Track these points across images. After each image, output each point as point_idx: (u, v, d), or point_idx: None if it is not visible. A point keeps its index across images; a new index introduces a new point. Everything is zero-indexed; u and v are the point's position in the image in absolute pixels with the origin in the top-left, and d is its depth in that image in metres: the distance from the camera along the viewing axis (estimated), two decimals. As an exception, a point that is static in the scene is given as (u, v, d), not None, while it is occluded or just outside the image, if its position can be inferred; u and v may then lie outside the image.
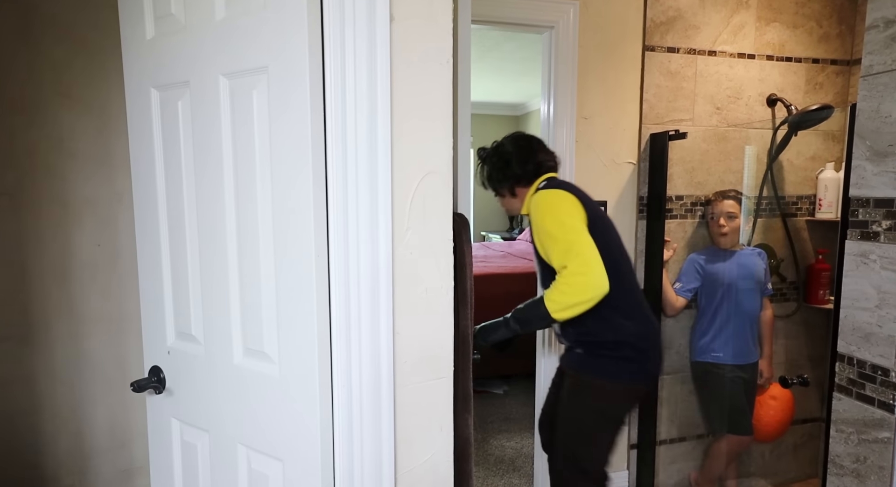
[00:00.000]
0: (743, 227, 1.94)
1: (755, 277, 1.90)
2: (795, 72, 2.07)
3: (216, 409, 0.97)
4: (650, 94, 1.92)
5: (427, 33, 0.82)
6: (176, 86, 0.95)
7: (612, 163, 1.94)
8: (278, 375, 0.86)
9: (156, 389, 1.06)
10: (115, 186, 1.48)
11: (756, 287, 1.90)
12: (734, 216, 1.87)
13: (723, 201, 1.91)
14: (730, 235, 1.89)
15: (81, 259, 1.46)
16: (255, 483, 0.92)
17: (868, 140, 1.23)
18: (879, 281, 1.21)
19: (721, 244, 1.91)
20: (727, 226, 1.88)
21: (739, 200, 1.91)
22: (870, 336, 1.24)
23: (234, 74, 0.86)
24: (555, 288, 1.28)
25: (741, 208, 1.90)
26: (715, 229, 1.91)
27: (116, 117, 1.46)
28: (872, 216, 1.23)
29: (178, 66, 0.94)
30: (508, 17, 1.76)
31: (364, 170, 0.80)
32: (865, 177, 1.24)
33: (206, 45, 0.89)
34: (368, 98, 0.78)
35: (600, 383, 1.37)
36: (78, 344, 1.48)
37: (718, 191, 1.95)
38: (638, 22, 1.89)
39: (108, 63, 1.43)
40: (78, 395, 1.49)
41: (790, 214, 2.12)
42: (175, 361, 1.03)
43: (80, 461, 1.51)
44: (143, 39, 0.99)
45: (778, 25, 2.03)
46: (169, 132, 0.98)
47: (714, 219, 1.91)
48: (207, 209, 0.93)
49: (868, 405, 1.25)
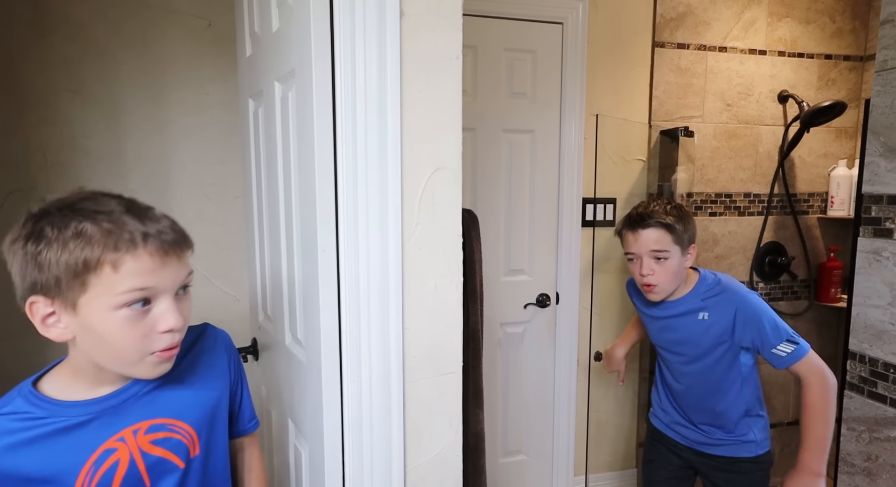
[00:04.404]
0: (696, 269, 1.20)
1: (721, 342, 1.12)
2: (807, 68, 2.04)
3: (278, 383, 1.09)
4: (660, 91, 1.91)
5: (437, 28, 0.82)
6: (258, 94, 1.07)
7: (621, 160, 1.93)
8: (305, 360, 0.90)
9: (254, 355, 1.25)
10: (129, 184, 1.49)
11: (719, 359, 1.13)
12: (662, 256, 1.10)
13: (637, 233, 1.12)
14: (660, 287, 1.12)
15: (94, 254, 1.48)
16: (297, 456, 0.99)
17: (882, 136, 1.22)
18: (892, 278, 1.20)
19: (648, 299, 1.18)
20: (654, 273, 1.11)
21: (671, 227, 1.09)
22: (882, 333, 1.22)
23: (282, 78, 0.92)
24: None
25: (678, 236, 1.10)
26: (637, 281, 1.17)
27: (128, 115, 1.47)
28: (886, 213, 1.21)
29: (259, 76, 1.06)
30: (517, 12, 1.75)
31: (374, 166, 0.80)
32: (879, 173, 1.23)
33: (268, 56, 0.98)
34: (378, 94, 0.79)
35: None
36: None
37: (633, 211, 1.16)
38: (648, 18, 1.88)
39: (119, 61, 1.44)
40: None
41: (802, 212, 2.10)
42: (263, 336, 1.19)
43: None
44: (245, 57, 1.16)
45: (790, 21, 2.00)
46: (256, 138, 1.11)
47: (631, 262, 1.16)
48: (271, 202, 1.04)
49: (880, 403, 1.24)
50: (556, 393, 1.96)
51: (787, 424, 2.15)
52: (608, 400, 2.03)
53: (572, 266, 1.90)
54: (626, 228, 1.18)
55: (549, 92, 1.82)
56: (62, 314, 0.54)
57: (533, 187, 1.86)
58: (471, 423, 0.93)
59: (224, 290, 1.57)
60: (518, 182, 1.84)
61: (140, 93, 1.47)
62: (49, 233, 0.52)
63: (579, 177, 1.86)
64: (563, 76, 1.82)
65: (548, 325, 1.93)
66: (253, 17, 1.07)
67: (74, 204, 0.55)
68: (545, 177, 1.86)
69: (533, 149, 1.84)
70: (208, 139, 1.52)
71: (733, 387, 1.15)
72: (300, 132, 0.84)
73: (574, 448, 1.99)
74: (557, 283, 1.91)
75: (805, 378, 1.08)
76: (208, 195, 1.55)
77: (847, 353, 1.32)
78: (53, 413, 0.57)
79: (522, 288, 1.89)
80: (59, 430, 0.57)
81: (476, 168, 1.79)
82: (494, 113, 1.78)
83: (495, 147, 1.80)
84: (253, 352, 1.25)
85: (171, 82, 1.49)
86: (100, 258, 0.52)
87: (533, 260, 1.88)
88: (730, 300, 1.12)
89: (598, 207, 1.92)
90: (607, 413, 2.03)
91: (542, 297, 1.89)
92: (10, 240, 0.54)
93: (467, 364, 0.91)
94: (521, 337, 1.91)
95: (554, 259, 1.90)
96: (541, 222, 1.87)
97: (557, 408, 1.96)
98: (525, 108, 1.81)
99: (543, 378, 1.95)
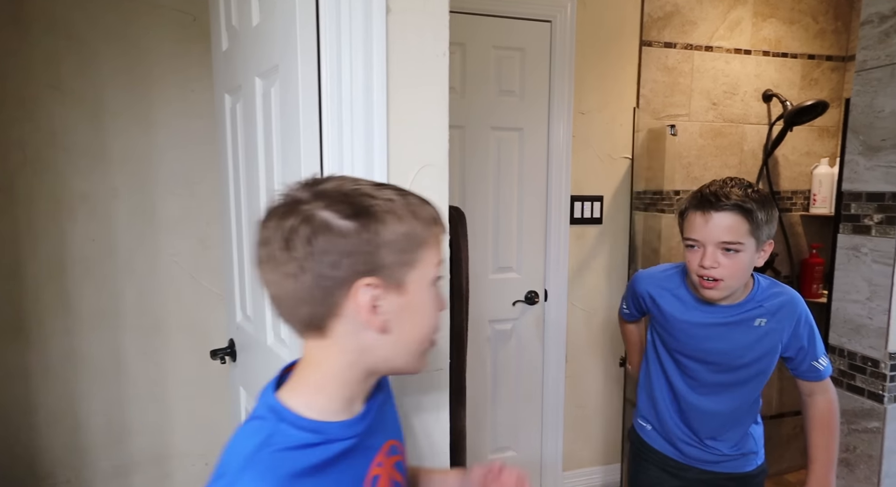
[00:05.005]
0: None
1: (763, 357, 1.02)
2: (791, 67, 2.07)
3: (259, 384, 1.05)
4: (647, 90, 1.92)
5: (424, 25, 0.82)
6: (236, 90, 1.04)
7: (608, 158, 1.94)
8: (288, 359, 0.88)
9: (231, 357, 1.22)
10: (111, 181, 1.47)
11: (762, 369, 1.03)
12: (733, 248, 0.92)
13: (708, 215, 0.92)
14: (725, 284, 0.94)
15: (75, 254, 1.46)
16: None
17: (861, 135, 1.24)
18: (870, 274, 1.22)
19: (704, 296, 0.99)
20: (719, 267, 0.93)
21: (751, 213, 0.91)
22: (860, 328, 1.25)
23: (263, 74, 0.90)
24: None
25: (758, 225, 0.92)
26: (693, 272, 0.97)
27: (110, 112, 1.45)
28: (864, 210, 1.24)
29: (237, 71, 1.03)
30: (505, 10, 1.75)
31: (360, 162, 0.80)
32: (858, 171, 1.25)
33: (248, 51, 0.95)
34: (364, 91, 0.78)
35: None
36: (72, 340, 1.47)
37: (706, 188, 0.95)
38: (635, 17, 1.89)
39: (100, 57, 1.42)
40: (73, 391, 1.49)
41: (785, 209, 2.13)
42: (241, 336, 1.16)
43: (76, 456, 1.51)
44: (220, 51, 1.12)
45: (774, 21, 2.03)
46: (234, 134, 1.08)
47: (691, 249, 0.97)
48: (251, 200, 1.02)
49: (858, 395, 1.27)
50: (545, 390, 1.97)
51: (770, 417, 2.19)
52: (595, 395, 2.05)
53: (560, 263, 1.91)
54: (693, 208, 0.94)
55: (537, 90, 1.83)
56: (386, 297, 0.48)
57: (521, 185, 1.86)
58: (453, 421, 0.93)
59: (210, 289, 1.56)
60: (506, 179, 1.85)
61: (123, 90, 1.45)
62: (380, 209, 0.47)
63: (567, 174, 1.87)
64: (552, 74, 1.82)
65: (536, 322, 1.94)
66: (230, 11, 1.04)
67: (362, 184, 0.50)
68: (533, 174, 1.87)
69: (521, 147, 1.85)
70: (194, 136, 1.51)
71: (755, 396, 1.06)
72: (285, 129, 0.83)
73: (563, 443, 2.00)
74: (546, 280, 1.92)
75: (822, 393, 1.02)
76: (193, 193, 1.53)
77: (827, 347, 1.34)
78: (327, 438, 0.49)
79: (511, 285, 1.89)
80: (334, 457, 0.49)
81: (465, 165, 1.79)
82: (483, 110, 1.79)
83: (484, 144, 1.81)
84: (230, 354, 1.22)
85: (156, 78, 1.47)
86: (424, 233, 0.50)
87: (521, 257, 1.89)
88: (793, 307, 0.99)
89: (584, 205, 1.94)
90: (594, 408, 2.05)
91: (531, 294, 1.90)
92: (325, 219, 0.46)
93: (451, 361, 0.92)
94: (510, 334, 1.92)
95: (542, 256, 1.91)
96: (529, 219, 1.88)
97: (546, 404, 1.98)
98: (513, 106, 1.82)
99: (532, 374, 1.96)
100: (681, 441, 1.09)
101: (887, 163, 1.19)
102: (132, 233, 1.49)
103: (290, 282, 0.46)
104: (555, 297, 1.92)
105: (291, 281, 0.46)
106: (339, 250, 0.46)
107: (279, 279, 0.47)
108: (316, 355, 0.51)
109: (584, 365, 2.01)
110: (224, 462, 0.47)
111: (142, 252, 1.51)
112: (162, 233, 1.52)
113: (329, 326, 0.49)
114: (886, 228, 1.19)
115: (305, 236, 0.45)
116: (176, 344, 1.55)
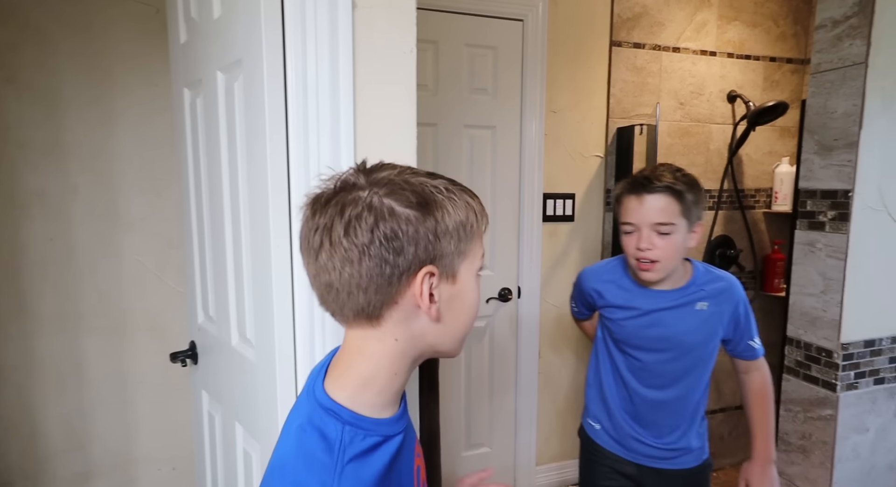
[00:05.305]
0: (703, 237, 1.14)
1: (701, 340, 1.05)
2: (754, 69, 2.14)
3: (224, 385, 1.04)
4: (617, 89, 1.96)
5: (391, 21, 0.82)
6: (196, 84, 1.01)
7: (579, 156, 1.97)
8: (255, 360, 0.88)
9: (192, 359, 1.18)
10: (69, 178, 1.41)
11: (706, 354, 1.07)
12: (666, 230, 0.96)
13: (641, 198, 0.97)
14: (661, 265, 0.99)
15: (32, 254, 1.40)
16: (247, 460, 0.96)
17: (816, 135, 1.29)
18: (825, 268, 1.28)
19: (642, 279, 1.03)
20: (654, 249, 0.97)
21: (681, 194, 0.96)
22: (816, 320, 1.31)
23: (225, 68, 0.88)
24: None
25: (687, 206, 0.97)
26: (631, 256, 1.02)
27: (69, 105, 1.39)
28: (819, 207, 1.29)
29: (197, 65, 0.99)
30: (478, 8, 1.76)
31: (327, 159, 0.79)
32: (813, 169, 1.31)
33: (208, 44, 0.92)
34: (331, 88, 0.77)
35: None
36: (29, 344, 1.41)
37: (638, 173, 1.02)
38: (605, 17, 1.93)
39: (59, 49, 1.36)
40: (29, 396, 1.43)
41: (749, 207, 2.21)
42: (202, 338, 1.12)
43: (34, 464, 1.45)
44: (178, 44, 1.08)
45: (738, 24, 2.10)
46: (194, 129, 1.04)
47: (628, 234, 1.01)
48: (213, 198, 0.98)
49: (813, 385, 1.32)
50: (518, 386, 1.99)
51: (735, 408, 2.27)
52: (567, 390, 2.08)
53: (533, 260, 1.93)
54: (628, 192, 0.99)
55: (509, 88, 1.84)
56: (440, 286, 0.49)
57: (494, 183, 1.88)
58: (426, 418, 0.93)
59: (176, 289, 1.52)
60: (480, 177, 1.86)
61: (82, 83, 1.39)
62: (441, 199, 0.48)
63: (540, 172, 1.89)
64: (524, 73, 1.84)
65: (510, 319, 1.96)
66: (189, 2, 1.01)
67: (417, 173, 0.50)
68: (506, 172, 1.88)
69: (494, 145, 1.86)
70: (158, 132, 1.46)
71: (702, 386, 1.08)
72: (249, 125, 0.82)
73: (536, 438, 2.03)
74: (519, 277, 1.94)
75: (756, 370, 1.09)
76: (158, 191, 1.49)
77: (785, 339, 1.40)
78: (386, 435, 0.49)
79: (485, 282, 1.91)
80: (395, 455, 0.49)
81: (438, 163, 1.79)
82: (456, 108, 1.79)
83: (457, 142, 1.81)
84: (192, 356, 1.17)
85: (117, 72, 1.42)
86: (476, 224, 0.51)
87: (495, 254, 1.90)
88: (732, 291, 1.04)
89: (557, 202, 1.96)
90: (567, 403, 2.08)
91: (505, 292, 1.92)
92: (390, 206, 0.46)
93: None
94: (484, 330, 1.94)
95: (515, 253, 1.93)
96: (502, 217, 1.90)
97: (519, 400, 2.00)
98: (486, 104, 1.83)
99: (506, 370, 1.98)
100: (630, 439, 1.11)
101: (839, 162, 1.24)
102: (93, 232, 1.44)
103: (350, 269, 0.46)
104: (528, 294, 1.95)
105: (351, 268, 0.46)
106: (404, 238, 0.46)
107: (338, 265, 0.46)
108: (365, 345, 0.50)
109: (557, 361, 2.05)
110: (295, 479, 0.45)
111: (103, 251, 1.46)
112: (125, 231, 1.47)
113: (383, 314, 0.48)
114: (839, 224, 1.24)
115: (370, 223, 0.45)
116: (140, 345, 1.51)
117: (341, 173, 0.49)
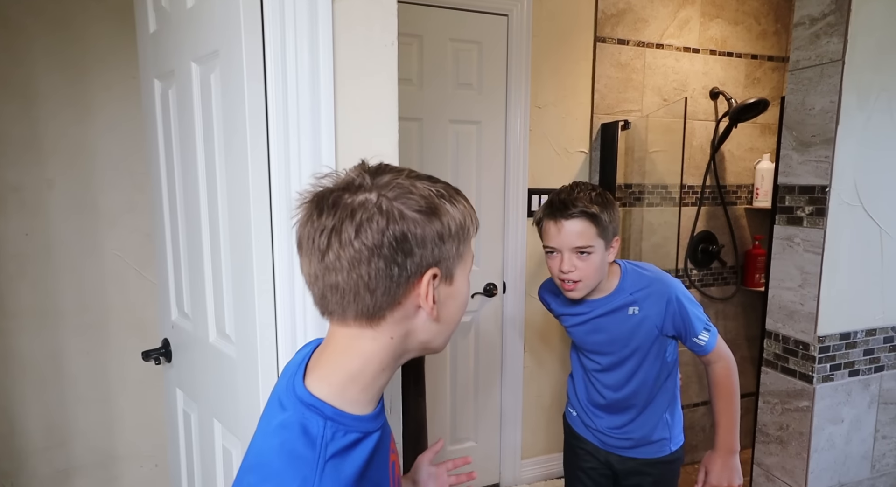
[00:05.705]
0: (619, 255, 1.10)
1: (638, 342, 1.08)
2: (736, 67, 2.17)
3: (201, 382, 1.02)
4: (601, 85, 1.97)
5: (372, 13, 0.81)
6: (168, 75, 0.98)
7: (564, 151, 1.98)
8: (236, 356, 0.87)
9: (166, 357, 1.15)
10: (45, 172, 1.38)
11: (652, 351, 1.09)
12: (586, 251, 1.00)
13: (559, 223, 1.01)
14: (582, 284, 1.03)
15: (8, 250, 1.37)
16: (226, 456, 0.94)
17: (794, 131, 1.32)
18: (802, 262, 1.30)
19: (568, 297, 1.09)
20: (575, 269, 1.01)
21: (596, 218, 0.99)
22: (793, 313, 1.33)
23: (200, 60, 0.86)
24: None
25: (604, 227, 1.00)
26: (556, 277, 1.07)
27: (44, 99, 1.36)
28: (797, 202, 1.31)
29: (169, 55, 0.97)
30: (462, 2, 1.75)
31: (307, 154, 0.78)
32: (792, 165, 1.33)
33: (181, 33, 0.90)
34: (311, 80, 0.77)
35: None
36: (7, 341, 1.38)
37: (555, 197, 1.04)
38: (590, 13, 1.93)
39: (33, 39, 1.33)
40: (7, 394, 1.40)
41: (731, 203, 2.24)
42: (177, 335, 1.09)
43: (13, 462, 1.42)
44: (147, 33, 1.05)
45: (720, 21, 2.12)
46: (166, 121, 1.01)
47: (551, 256, 1.05)
48: (188, 192, 0.96)
49: (791, 377, 1.35)
50: (504, 380, 2.01)
51: (716, 401, 2.31)
52: (552, 384, 2.10)
53: (518, 255, 1.94)
54: (546, 217, 1.03)
55: (494, 83, 1.84)
56: (440, 287, 0.51)
57: (479, 178, 1.88)
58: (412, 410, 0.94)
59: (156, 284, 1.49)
60: (465, 172, 1.86)
61: (58, 76, 1.36)
62: (444, 203, 0.50)
63: (525, 167, 1.90)
64: (509, 68, 1.84)
65: (495, 314, 1.97)
66: None
67: (419, 176, 0.51)
68: (491, 167, 1.89)
69: (479, 140, 1.86)
70: (137, 126, 1.43)
71: (660, 382, 1.12)
72: (227, 118, 0.80)
73: (521, 432, 2.05)
74: (504, 273, 1.95)
75: (715, 362, 1.09)
76: (138, 185, 1.46)
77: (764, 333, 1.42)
78: (365, 432, 0.49)
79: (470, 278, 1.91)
80: (373, 451, 0.50)
81: (423, 158, 1.79)
82: (441, 103, 1.78)
83: (442, 137, 1.81)
84: (165, 354, 1.14)
85: (95, 64, 1.39)
86: (470, 227, 0.53)
87: (480, 249, 1.91)
88: (661, 291, 1.06)
89: (542, 198, 1.97)
90: (552, 397, 2.10)
91: (490, 287, 1.92)
92: (400, 210, 0.47)
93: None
94: (469, 325, 1.94)
95: (501, 248, 1.94)
96: (487, 213, 1.90)
97: (505, 395, 2.01)
98: (471, 99, 1.83)
99: (491, 365, 1.99)
100: (596, 429, 1.18)
101: (817, 158, 1.26)
102: (72, 227, 1.42)
103: (359, 270, 0.46)
104: (513, 289, 1.95)
105: (361, 269, 0.46)
106: (413, 240, 0.47)
107: (346, 266, 0.46)
108: (355, 343, 0.50)
109: (542, 356, 2.06)
110: (276, 476, 0.45)
111: (82, 247, 1.43)
112: (104, 226, 1.45)
113: (386, 316, 0.49)
114: (816, 219, 1.27)
115: (381, 225, 0.46)
116: (121, 341, 1.48)
117: (342, 172, 0.50)
